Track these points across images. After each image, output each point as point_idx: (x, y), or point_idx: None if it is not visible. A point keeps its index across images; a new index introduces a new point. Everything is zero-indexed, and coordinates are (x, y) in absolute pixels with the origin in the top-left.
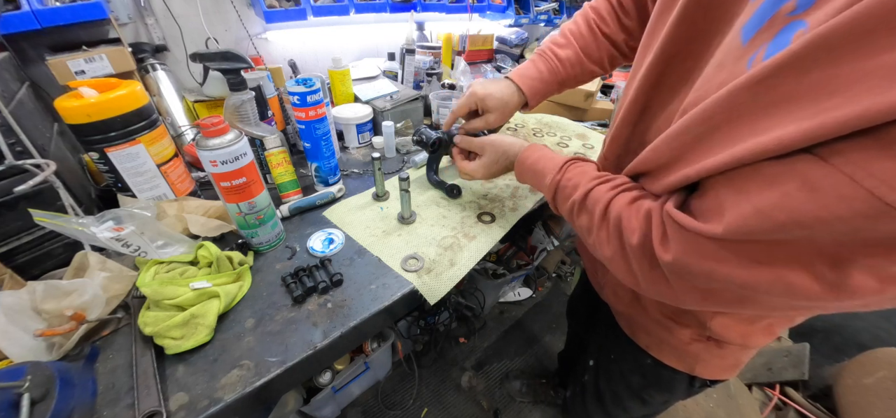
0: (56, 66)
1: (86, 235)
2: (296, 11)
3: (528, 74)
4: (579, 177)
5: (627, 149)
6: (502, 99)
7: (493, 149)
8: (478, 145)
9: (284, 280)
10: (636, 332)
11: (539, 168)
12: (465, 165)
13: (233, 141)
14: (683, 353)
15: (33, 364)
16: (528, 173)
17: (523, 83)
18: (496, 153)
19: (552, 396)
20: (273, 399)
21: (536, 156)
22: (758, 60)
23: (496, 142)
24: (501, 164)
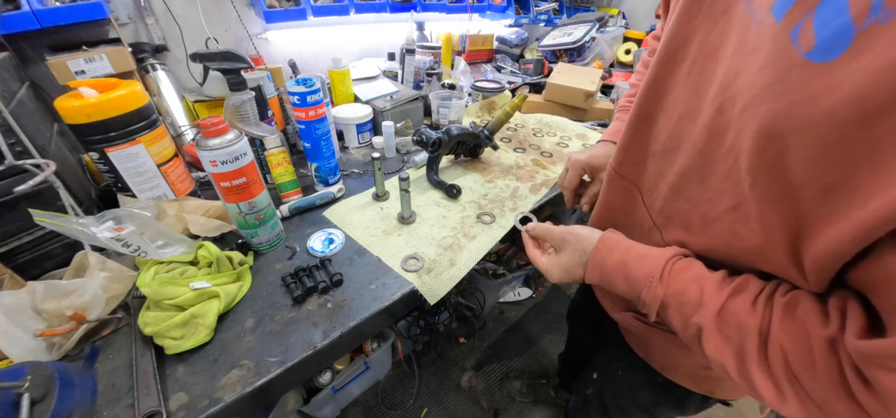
0: (56, 66)
1: (86, 235)
2: (296, 11)
3: (616, 130)
4: (696, 290)
5: (632, 159)
6: (607, 158)
7: (575, 247)
8: (559, 238)
9: (284, 280)
10: (650, 353)
11: (627, 273)
12: (538, 259)
13: (233, 141)
14: (701, 378)
15: (33, 364)
16: (611, 278)
17: (615, 138)
18: (578, 251)
19: (552, 396)
20: (273, 399)
21: (618, 257)
22: (806, 32)
23: (581, 236)
24: (580, 265)
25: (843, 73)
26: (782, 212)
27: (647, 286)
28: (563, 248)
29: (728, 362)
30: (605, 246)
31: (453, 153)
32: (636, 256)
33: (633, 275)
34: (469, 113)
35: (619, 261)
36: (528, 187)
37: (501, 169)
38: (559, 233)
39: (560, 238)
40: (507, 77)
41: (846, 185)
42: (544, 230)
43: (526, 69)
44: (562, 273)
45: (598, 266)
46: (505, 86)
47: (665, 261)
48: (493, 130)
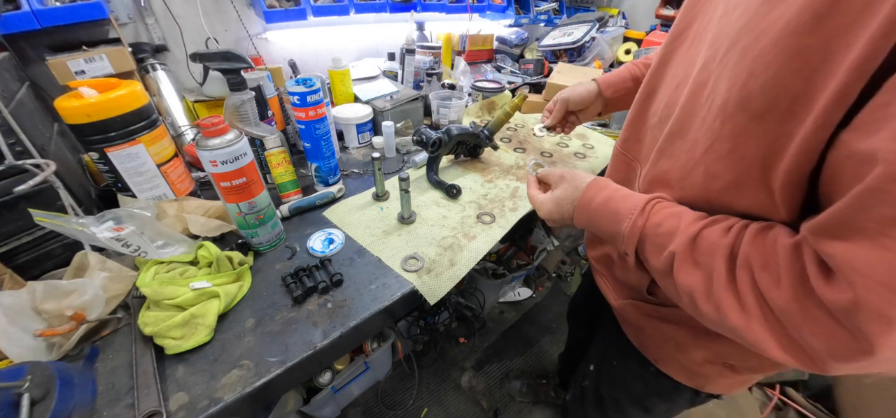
0: (56, 66)
1: (86, 235)
2: (296, 11)
3: (612, 78)
4: (674, 221)
5: (635, 135)
6: (588, 95)
7: (570, 184)
8: (557, 176)
9: (284, 280)
10: (645, 345)
11: (611, 209)
12: (535, 196)
13: (233, 141)
14: (694, 373)
15: (33, 364)
16: (596, 216)
17: (606, 83)
18: (571, 187)
19: (552, 397)
20: (273, 399)
21: (605, 194)
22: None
23: (577, 175)
24: (570, 202)
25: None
26: (753, 138)
27: (628, 218)
28: (558, 185)
29: (696, 287)
30: (596, 184)
31: (453, 153)
32: (622, 195)
33: (617, 209)
34: (469, 113)
35: (605, 199)
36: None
37: (501, 169)
38: (559, 172)
39: (559, 176)
40: (507, 77)
41: (807, 92)
42: (548, 172)
43: (526, 69)
44: (553, 206)
45: (586, 204)
46: (505, 86)
47: (649, 199)
48: (493, 130)
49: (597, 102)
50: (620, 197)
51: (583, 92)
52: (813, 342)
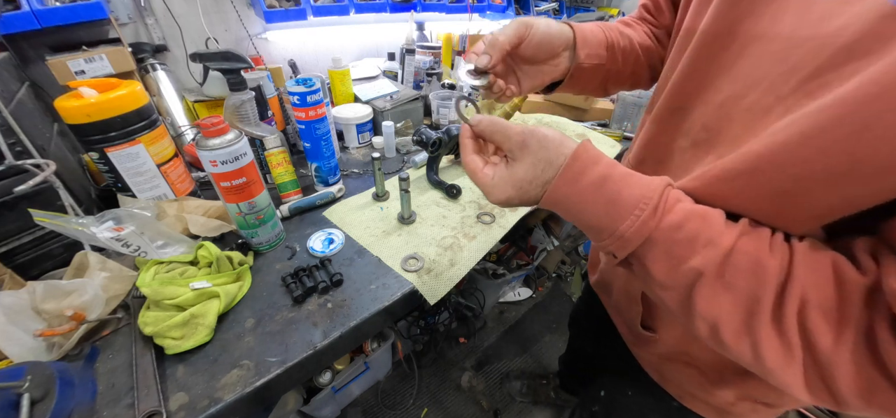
0: (56, 66)
1: (86, 235)
2: (296, 11)
3: (590, 33)
4: (698, 224)
5: (656, 156)
6: (560, 36)
7: (538, 156)
8: (517, 141)
9: (284, 280)
10: (665, 379)
11: (608, 194)
12: (478, 170)
13: (233, 141)
14: (725, 412)
15: (33, 364)
16: (582, 200)
17: (585, 38)
18: (542, 161)
19: (552, 397)
20: (273, 399)
21: (599, 172)
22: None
23: (549, 140)
24: (542, 185)
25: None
26: (836, 192)
27: (633, 213)
28: (521, 157)
29: (726, 317)
30: (585, 155)
31: (453, 153)
32: (622, 176)
33: (616, 196)
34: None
35: (599, 178)
36: None
37: None
38: (517, 135)
39: (519, 141)
40: None
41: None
42: (495, 127)
43: None
44: (513, 191)
45: (569, 182)
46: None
47: (663, 187)
48: None
49: (563, 58)
50: (620, 178)
51: (554, 29)
52: (852, 398)
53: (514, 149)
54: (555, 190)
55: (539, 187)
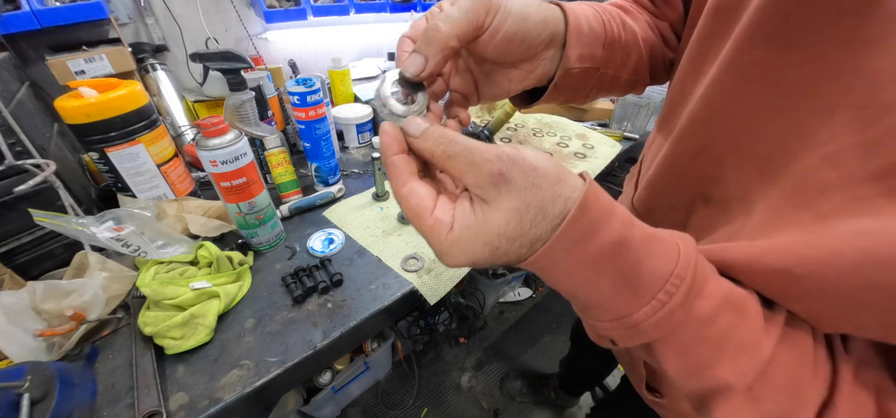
0: (56, 66)
1: (86, 235)
2: (296, 11)
3: (579, 10)
4: (732, 319)
5: (667, 203)
6: (541, 26)
7: (527, 198)
8: (492, 171)
9: (284, 280)
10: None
11: (631, 267)
12: (424, 213)
13: (233, 141)
14: None
15: (33, 364)
16: (593, 271)
17: (574, 20)
18: (535, 207)
19: (552, 397)
20: (273, 399)
21: (614, 234)
22: None
23: (543, 174)
24: (529, 243)
25: None
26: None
27: (657, 298)
28: (497, 198)
29: None
30: (597, 206)
31: None
32: (644, 237)
33: (637, 274)
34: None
35: (615, 242)
36: None
37: None
38: (492, 163)
39: (495, 173)
40: None
41: None
42: (452, 147)
43: None
44: (483, 250)
45: (575, 244)
46: None
47: (695, 259)
48: (494, 130)
49: (543, 60)
50: (641, 243)
51: (533, 14)
52: None
53: (485, 185)
54: (548, 254)
55: (524, 246)
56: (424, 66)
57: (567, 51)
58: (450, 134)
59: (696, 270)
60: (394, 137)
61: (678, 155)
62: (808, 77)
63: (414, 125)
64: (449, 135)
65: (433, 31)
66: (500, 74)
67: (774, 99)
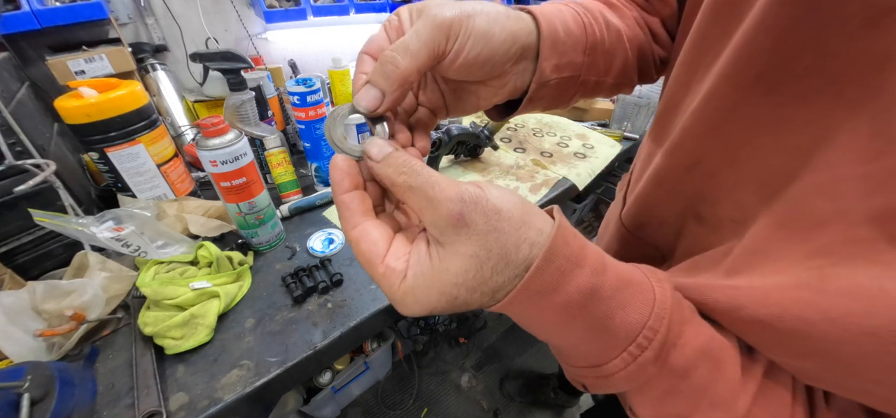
0: (56, 66)
1: (86, 235)
2: (296, 11)
3: (554, 11)
4: (708, 371)
5: (658, 219)
6: (489, 37)
7: (487, 233)
8: (449, 212)
9: (284, 280)
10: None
11: (596, 317)
12: (379, 266)
13: (233, 141)
14: None
15: (33, 364)
16: (564, 320)
17: (548, 25)
18: (496, 254)
19: (552, 397)
20: (273, 399)
21: (583, 282)
22: None
23: (506, 217)
24: (490, 291)
25: None
26: None
27: (628, 351)
28: (455, 242)
29: None
30: (566, 252)
31: (453, 153)
32: (616, 284)
33: (609, 324)
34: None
35: (585, 292)
36: (528, 187)
37: (501, 169)
38: (450, 203)
39: (453, 215)
40: None
41: None
42: (412, 177)
43: None
44: (440, 300)
45: (542, 293)
46: None
47: (671, 309)
48: (494, 130)
49: (513, 75)
50: (613, 291)
51: (497, 33)
52: None
53: (443, 226)
54: (513, 303)
55: (486, 295)
56: (381, 101)
57: (541, 63)
58: (414, 163)
59: (672, 319)
60: (345, 172)
61: (670, 169)
62: (812, 89)
63: (376, 147)
64: (412, 164)
65: (390, 64)
66: (467, 92)
67: (773, 110)
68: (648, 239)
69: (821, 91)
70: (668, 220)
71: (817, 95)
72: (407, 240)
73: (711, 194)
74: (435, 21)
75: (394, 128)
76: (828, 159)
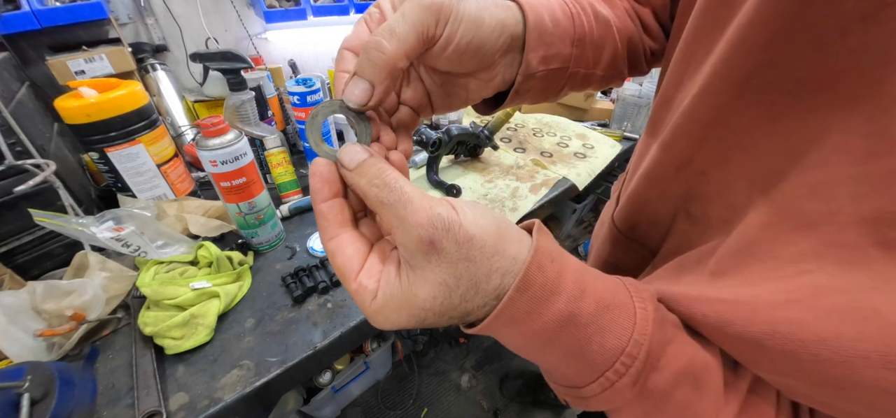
0: (56, 66)
1: (86, 235)
2: (296, 11)
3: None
4: (688, 393)
5: (650, 218)
6: (479, 25)
7: (458, 261)
8: (419, 236)
9: (284, 280)
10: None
11: (576, 343)
12: (352, 283)
13: (233, 141)
14: None
15: (33, 364)
16: (541, 344)
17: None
18: (467, 281)
19: (552, 397)
20: (273, 399)
21: (560, 309)
22: None
23: (479, 245)
24: (464, 308)
25: None
26: None
27: (605, 376)
28: (425, 267)
29: None
30: (542, 280)
31: (453, 153)
32: (594, 309)
33: (586, 350)
34: (469, 113)
35: (560, 319)
36: (528, 187)
37: (501, 169)
38: (421, 228)
39: (424, 240)
40: None
41: None
42: (386, 190)
43: None
44: (408, 319)
45: (514, 320)
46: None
47: (650, 333)
48: (493, 130)
49: (501, 66)
50: (590, 317)
51: (487, 21)
52: None
53: (412, 249)
54: (486, 329)
55: (455, 319)
56: (371, 94)
57: (527, 55)
58: (388, 175)
59: (652, 343)
60: (325, 180)
61: (662, 168)
62: (805, 87)
63: (349, 154)
64: (386, 176)
65: (376, 51)
66: (455, 85)
67: (766, 108)
68: (640, 239)
69: (814, 89)
70: (659, 220)
71: (810, 93)
72: (380, 256)
73: (702, 192)
74: (422, 2)
75: (378, 130)
76: (820, 159)
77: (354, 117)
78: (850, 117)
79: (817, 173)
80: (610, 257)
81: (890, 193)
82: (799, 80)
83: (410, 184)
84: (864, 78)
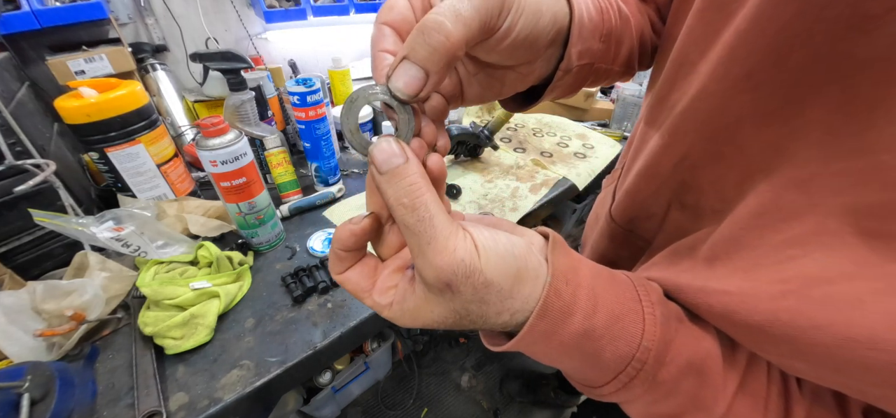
0: (56, 66)
1: (86, 235)
2: (296, 11)
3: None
4: (693, 383)
5: (646, 212)
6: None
7: (472, 300)
8: (437, 276)
9: (284, 280)
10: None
11: (590, 352)
12: (364, 296)
13: (233, 141)
14: None
15: (33, 364)
16: (555, 353)
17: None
18: (479, 310)
19: (552, 397)
20: (273, 399)
21: (577, 326)
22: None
23: (494, 283)
24: (479, 324)
25: None
26: None
27: (618, 378)
28: (439, 297)
29: None
30: (559, 305)
31: (453, 153)
32: (607, 321)
33: (600, 357)
34: (469, 113)
35: (576, 336)
36: (528, 187)
37: (501, 169)
38: (442, 270)
39: (441, 280)
40: None
41: None
42: (417, 213)
43: None
44: (423, 325)
45: (533, 342)
46: None
47: (659, 339)
48: (494, 130)
49: (542, 60)
50: (603, 329)
51: (545, 11)
52: None
53: (430, 282)
54: (507, 349)
55: (467, 328)
56: (424, 83)
57: (569, 49)
58: (418, 198)
59: (660, 344)
60: (348, 234)
61: (660, 166)
62: (797, 88)
63: (384, 154)
64: (416, 199)
65: (438, 33)
66: (493, 77)
67: (758, 105)
68: (637, 231)
69: (805, 90)
70: (655, 212)
71: (801, 94)
72: (394, 271)
73: (696, 185)
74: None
75: (420, 124)
76: (804, 156)
77: (398, 107)
78: (833, 119)
79: (801, 169)
80: (608, 252)
81: (867, 188)
82: (791, 81)
83: (439, 209)
84: (846, 82)
